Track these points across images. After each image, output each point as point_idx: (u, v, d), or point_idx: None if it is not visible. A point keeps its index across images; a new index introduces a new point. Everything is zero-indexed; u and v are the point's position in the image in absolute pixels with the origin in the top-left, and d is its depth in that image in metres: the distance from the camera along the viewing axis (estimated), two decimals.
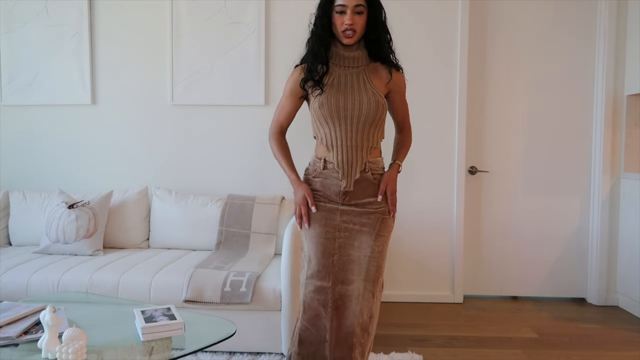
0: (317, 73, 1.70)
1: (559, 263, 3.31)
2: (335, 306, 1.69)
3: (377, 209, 1.74)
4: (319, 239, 1.72)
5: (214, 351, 2.29)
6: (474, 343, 2.56)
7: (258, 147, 3.22)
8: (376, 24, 1.70)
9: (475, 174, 3.28)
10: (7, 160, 3.32)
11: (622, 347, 2.52)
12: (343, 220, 1.72)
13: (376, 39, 1.72)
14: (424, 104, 3.19)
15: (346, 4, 1.63)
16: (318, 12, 1.72)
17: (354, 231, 1.72)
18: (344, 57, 1.73)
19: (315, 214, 1.74)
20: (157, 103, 3.24)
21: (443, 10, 3.16)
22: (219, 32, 3.15)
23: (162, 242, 2.95)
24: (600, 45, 3.17)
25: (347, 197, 1.73)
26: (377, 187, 1.75)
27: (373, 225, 1.72)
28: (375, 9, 1.69)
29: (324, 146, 1.75)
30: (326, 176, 1.74)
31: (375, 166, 1.76)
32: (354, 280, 1.70)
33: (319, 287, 1.69)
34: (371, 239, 1.72)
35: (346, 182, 1.71)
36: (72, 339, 1.39)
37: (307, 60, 1.74)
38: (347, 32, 1.66)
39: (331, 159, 1.73)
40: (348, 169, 1.71)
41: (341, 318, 1.70)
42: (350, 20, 1.64)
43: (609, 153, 3.18)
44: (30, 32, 3.21)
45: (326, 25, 1.69)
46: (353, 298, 1.69)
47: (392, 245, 3.21)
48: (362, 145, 1.71)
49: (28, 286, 2.32)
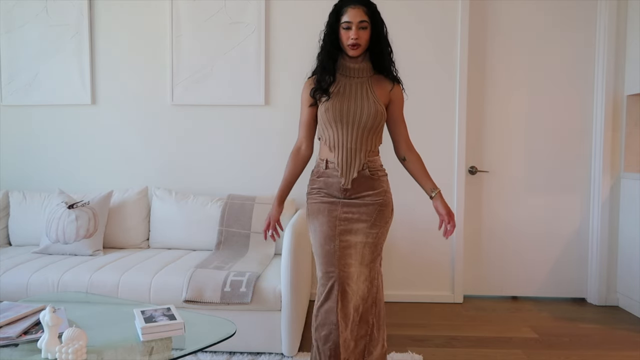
0: (325, 83, 1.87)
1: (559, 263, 3.31)
2: (340, 289, 1.81)
3: (375, 201, 1.89)
4: (322, 227, 1.87)
5: (214, 351, 2.29)
6: (474, 343, 2.56)
7: (258, 147, 3.23)
8: (379, 38, 1.88)
9: (475, 174, 3.28)
10: (7, 160, 3.32)
11: (622, 347, 2.52)
12: (344, 211, 1.88)
13: (379, 52, 1.90)
14: (424, 104, 3.19)
15: (351, 20, 1.81)
16: (326, 29, 1.90)
17: (352, 220, 1.87)
18: (349, 68, 1.91)
19: (318, 206, 1.91)
20: (157, 103, 3.24)
21: (443, 10, 3.16)
22: (219, 32, 3.15)
23: (162, 242, 2.95)
24: (600, 45, 3.17)
25: (348, 193, 1.89)
26: (374, 182, 1.90)
27: (370, 214, 1.88)
28: (377, 24, 1.88)
29: (327, 147, 1.91)
30: (328, 175, 1.91)
31: (372, 164, 1.91)
32: (352, 264, 1.84)
33: (325, 272, 1.83)
34: (367, 227, 1.87)
35: (345, 180, 1.88)
36: (72, 339, 1.39)
37: (317, 72, 1.92)
38: (353, 46, 1.83)
39: (332, 159, 1.89)
40: (347, 168, 1.88)
41: (344, 301, 1.81)
42: (356, 35, 1.81)
43: (609, 153, 3.18)
44: (30, 32, 3.21)
45: (334, 40, 1.87)
46: (352, 283, 1.82)
47: (392, 246, 3.22)
48: (362, 148, 1.88)
49: (28, 286, 2.32)
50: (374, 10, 1.87)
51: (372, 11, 1.86)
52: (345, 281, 1.81)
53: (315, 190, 1.94)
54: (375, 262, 1.91)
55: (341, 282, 1.81)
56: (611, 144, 3.18)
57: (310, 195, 1.96)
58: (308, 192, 1.98)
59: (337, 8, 1.87)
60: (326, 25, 1.90)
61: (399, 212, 3.21)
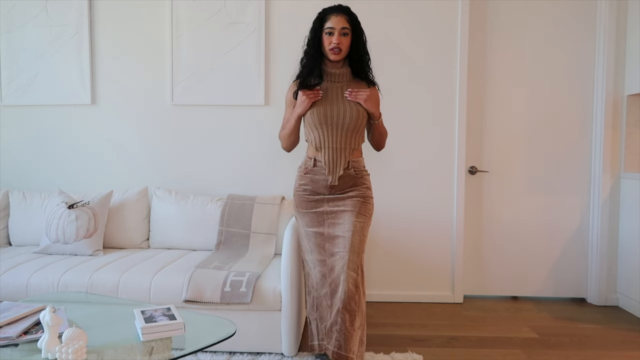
0: (311, 84, 2.05)
1: (559, 263, 3.31)
2: (330, 275, 1.98)
3: (358, 194, 2.08)
4: (311, 222, 2.08)
5: (214, 351, 2.29)
6: (474, 343, 2.56)
7: (258, 147, 3.23)
8: (358, 45, 2.06)
9: (475, 174, 3.28)
10: (7, 160, 3.32)
11: (622, 347, 2.52)
12: (329, 205, 2.07)
13: (358, 59, 2.07)
14: (424, 104, 3.19)
15: (334, 26, 1.99)
16: (310, 35, 2.07)
17: (338, 212, 2.05)
18: (331, 74, 2.08)
19: (306, 204, 2.10)
20: (157, 103, 3.24)
21: (443, 10, 3.16)
22: (219, 32, 3.16)
23: (162, 242, 2.95)
24: (600, 45, 3.17)
25: (333, 189, 2.08)
26: (357, 180, 2.09)
27: (354, 205, 2.05)
28: (358, 32, 2.05)
29: (313, 147, 2.10)
30: (315, 172, 2.08)
31: (357, 164, 2.10)
32: (339, 252, 1.99)
33: (318, 259, 2.02)
34: (353, 217, 2.03)
35: (332, 178, 2.06)
36: (72, 339, 1.39)
37: (303, 75, 2.08)
38: (335, 50, 2.00)
39: (319, 158, 2.07)
40: (333, 166, 2.05)
41: (332, 284, 1.97)
42: (337, 40, 1.99)
43: (609, 153, 3.18)
44: (30, 32, 3.21)
45: (317, 45, 2.05)
46: (337, 269, 1.96)
47: (392, 246, 3.22)
48: (346, 147, 2.06)
49: (28, 286, 2.32)
50: (355, 19, 2.04)
51: (353, 20, 2.03)
52: (333, 268, 1.97)
53: (302, 187, 2.12)
54: (362, 250, 2.03)
55: (330, 269, 1.97)
56: (611, 144, 3.18)
57: (297, 191, 2.15)
58: (295, 188, 2.16)
59: (321, 15, 2.05)
60: (310, 30, 2.07)
61: (399, 212, 3.22)
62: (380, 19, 3.14)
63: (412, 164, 3.22)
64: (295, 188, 2.16)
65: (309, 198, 2.10)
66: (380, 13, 3.14)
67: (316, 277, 2.03)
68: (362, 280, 2.00)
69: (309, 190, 2.10)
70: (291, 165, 3.20)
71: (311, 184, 2.09)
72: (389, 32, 3.15)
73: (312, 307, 2.12)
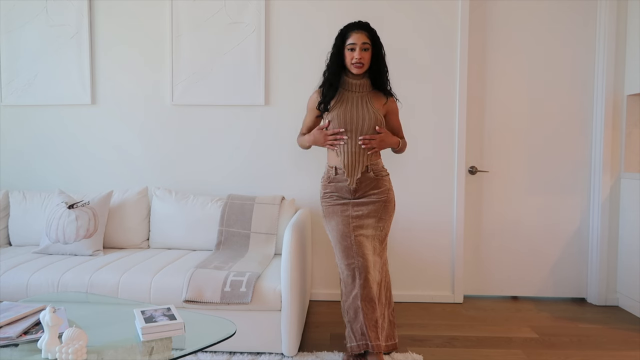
0: (329, 97, 2.18)
1: (559, 263, 3.31)
2: (362, 277, 2.08)
3: (380, 199, 2.19)
4: (338, 226, 2.17)
5: (214, 351, 2.29)
6: (474, 343, 2.56)
7: (258, 147, 3.23)
8: (378, 59, 2.17)
9: (475, 174, 3.28)
10: (7, 160, 3.32)
11: (622, 347, 2.52)
12: (355, 210, 2.18)
13: (377, 71, 2.18)
14: (424, 104, 3.19)
15: (356, 42, 2.11)
16: (333, 50, 2.19)
17: (363, 217, 2.17)
18: (352, 84, 2.20)
19: (333, 208, 2.21)
20: (157, 103, 3.24)
21: (443, 10, 3.16)
22: (219, 32, 3.16)
23: (162, 242, 2.95)
24: (600, 45, 3.17)
25: (356, 193, 2.19)
26: (378, 182, 2.19)
27: (377, 211, 2.18)
28: (377, 47, 2.16)
29: (334, 153, 2.21)
30: (338, 180, 2.20)
31: (375, 167, 2.21)
32: (367, 254, 2.11)
33: (346, 264, 2.12)
34: (376, 222, 2.18)
35: (350, 180, 2.17)
36: (72, 339, 1.39)
37: (325, 86, 2.21)
38: (357, 64, 2.13)
39: (339, 165, 2.18)
40: (352, 169, 2.17)
41: (366, 287, 2.08)
42: (359, 55, 2.11)
43: (609, 153, 3.18)
44: (30, 32, 3.21)
45: (339, 60, 2.18)
46: (370, 269, 2.09)
47: (393, 246, 3.22)
48: (364, 152, 2.16)
49: (28, 286, 2.32)
50: (374, 34, 2.16)
51: (372, 35, 2.15)
52: (365, 269, 2.08)
53: (328, 194, 2.23)
54: (384, 251, 2.23)
55: (361, 271, 2.08)
56: (611, 144, 3.18)
57: (324, 199, 2.26)
58: (322, 197, 2.27)
59: (343, 32, 2.17)
60: (333, 46, 2.19)
61: (399, 212, 3.21)
62: (380, 18, 3.14)
63: (412, 164, 3.22)
64: (321, 197, 2.27)
65: (336, 202, 2.20)
66: (380, 13, 3.14)
67: (346, 280, 2.13)
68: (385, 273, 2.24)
69: (335, 196, 2.21)
70: (291, 165, 3.21)
71: (336, 190, 2.21)
72: (389, 32, 3.15)
73: (346, 311, 2.17)
